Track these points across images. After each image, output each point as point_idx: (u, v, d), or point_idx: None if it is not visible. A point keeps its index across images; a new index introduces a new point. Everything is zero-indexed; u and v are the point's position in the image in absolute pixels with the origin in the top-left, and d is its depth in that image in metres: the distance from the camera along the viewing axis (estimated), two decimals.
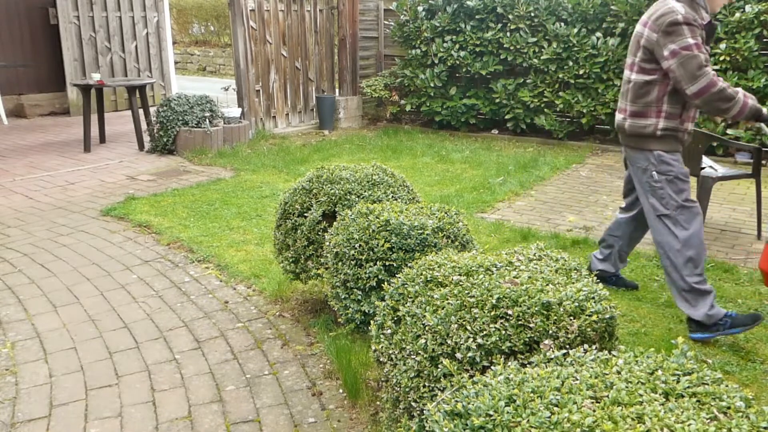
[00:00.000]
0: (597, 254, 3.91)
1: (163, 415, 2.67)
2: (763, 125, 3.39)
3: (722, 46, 6.84)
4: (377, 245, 2.69)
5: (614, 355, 1.61)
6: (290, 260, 3.36)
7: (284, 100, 9.03)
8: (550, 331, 1.83)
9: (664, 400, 1.40)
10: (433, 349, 1.90)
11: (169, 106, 7.36)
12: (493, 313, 1.88)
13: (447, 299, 2.00)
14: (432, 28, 8.65)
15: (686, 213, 3.23)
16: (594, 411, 1.35)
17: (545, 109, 8.23)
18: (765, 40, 6.82)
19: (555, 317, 1.85)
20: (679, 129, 3.27)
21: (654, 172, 3.29)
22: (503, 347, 1.81)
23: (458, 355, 1.84)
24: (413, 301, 2.13)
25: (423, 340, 1.94)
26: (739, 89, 3.11)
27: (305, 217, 3.33)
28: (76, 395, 2.80)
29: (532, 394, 1.43)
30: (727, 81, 6.76)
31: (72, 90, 10.09)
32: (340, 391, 2.82)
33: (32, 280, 3.99)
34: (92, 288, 3.89)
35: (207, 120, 7.41)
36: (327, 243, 2.92)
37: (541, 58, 7.95)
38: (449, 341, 1.88)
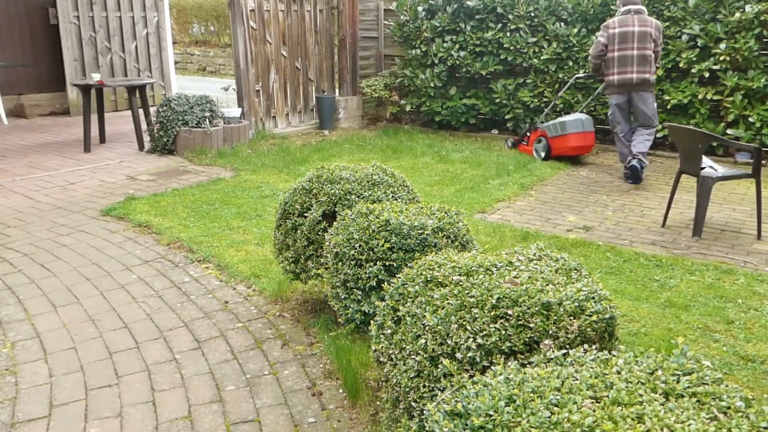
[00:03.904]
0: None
1: (163, 415, 2.67)
2: None
3: (722, 46, 6.83)
4: (377, 245, 2.69)
5: (614, 355, 1.61)
6: (290, 260, 3.36)
7: (284, 100, 9.03)
8: (550, 331, 1.83)
9: (664, 400, 1.40)
10: (433, 349, 1.90)
11: (169, 106, 7.36)
12: (493, 313, 1.88)
13: (447, 299, 2.00)
14: (432, 28, 8.65)
15: None
16: (594, 411, 1.35)
17: (545, 109, 8.23)
18: (765, 40, 6.81)
19: (555, 317, 1.84)
20: None
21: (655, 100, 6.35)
22: (503, 347, 1.81)
23: (458, 355, 1.84)
24: (413, 301, 2.13)
25: (423, 340, 1.94)
26: None
27: (305, 217, 3.33)
28: (76, 395, 2.80)
29: (532, 394, 1.43)
30: (727, 81, 6.83)
31: (72, 90, 10.09)
32: (340, 391, 2.82)
33: (32, 280, 3.99)
34: (92, 288, 3.89)
35: (207, 120, 7.41)
36: (327, 243, 2.92)
37: (541, 58, 7.95)
38: (449, 341, 1.88)
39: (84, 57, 10.19)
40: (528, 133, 7.58)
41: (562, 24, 7.85)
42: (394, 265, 2.67)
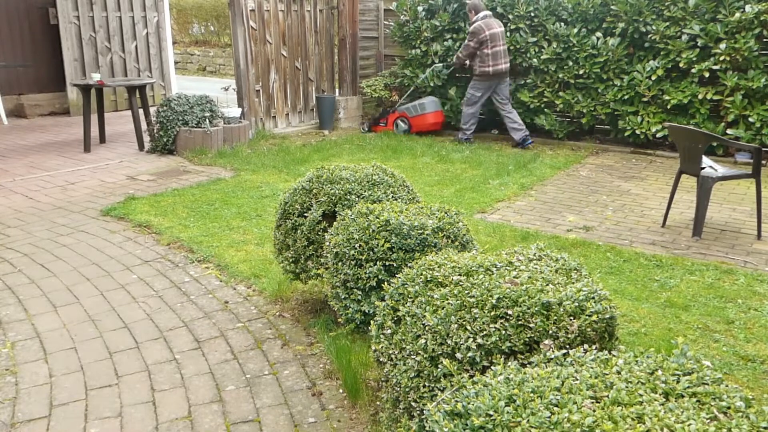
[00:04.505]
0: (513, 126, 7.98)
1: (163, 415, 2.67)
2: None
3: (722, 46, 6.83)
4: (377, 245, 2.69)
5: (614, 355, 1.61)
6: (290, 260, 3.36)
7: (284, 100, 9.03)
8: (550, 331, 1.83)
9: (664, 400, 1.40)
10: (433, 349, 1.90)
11: (169, 106, 7.36)
12: (493, 313, 1.88)
13: (447, 299, 2.00)
14: (432, 27, 8.65)
15: None
16: (594, 411, 1.35)
17: (545, 109, 8.23)
18: (765, 40, 6.81)
19: (555, 317, 1.85)
20: None
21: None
22: (503, 347, 1.81)
23: (458, 355, 1.84)
24: (413, 301, 2.13)
25: (423, 340, 1.94)
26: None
27: (305, 217, 3.33)
28: (76, 395, 2.80)
29: (532, 394, 1.43)
30: (727, 81, 6.83)
31: (72, 90, 10.09)
32: (340, 391, 2.82)
33: (32, 280, 3.99)
34: (92, 288, 3.89)
35: (207, 120, 7.41)
36: (327, 243, 2.92)
37: (541, 58, 7.95)
38: (449, 341, 1.88)
39: (84, 57, 10.19)
40: (385, 116, 8.92)
41: (562, 24, 7.84)
42: (394, 265, 2.67)
